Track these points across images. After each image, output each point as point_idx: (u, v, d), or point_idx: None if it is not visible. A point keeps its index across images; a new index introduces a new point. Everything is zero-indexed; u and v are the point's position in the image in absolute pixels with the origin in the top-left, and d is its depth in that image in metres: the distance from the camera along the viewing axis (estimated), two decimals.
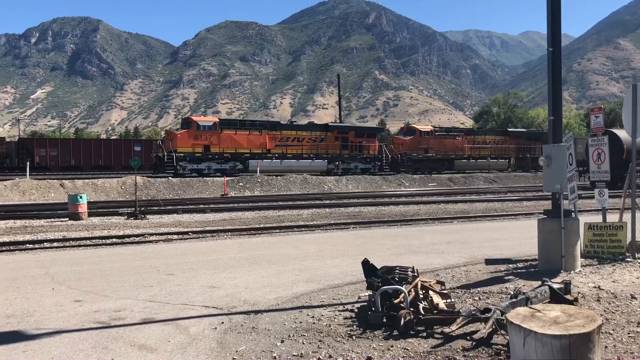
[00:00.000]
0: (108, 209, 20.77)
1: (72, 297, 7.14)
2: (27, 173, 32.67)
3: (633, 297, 6.58)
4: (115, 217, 18.76)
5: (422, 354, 4.79)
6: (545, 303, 5.50)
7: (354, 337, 5.30)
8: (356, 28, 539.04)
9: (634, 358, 4.63)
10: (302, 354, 4.87)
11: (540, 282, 6.18)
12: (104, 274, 8.65)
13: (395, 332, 5.30)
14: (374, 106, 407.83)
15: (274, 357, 4.82)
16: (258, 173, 34.60)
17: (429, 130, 44.89)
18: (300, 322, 5.86)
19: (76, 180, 29.52)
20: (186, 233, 14.05)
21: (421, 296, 5.84)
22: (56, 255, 10.90)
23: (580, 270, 8.22)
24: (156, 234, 13.86)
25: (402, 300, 5.59)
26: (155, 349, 5.06)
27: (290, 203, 23.60)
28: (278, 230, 14.78)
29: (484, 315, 5.23)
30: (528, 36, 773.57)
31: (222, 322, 5.89)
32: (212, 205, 21.70)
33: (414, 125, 50.05)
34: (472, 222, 16.91)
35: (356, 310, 6.31)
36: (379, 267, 6.64)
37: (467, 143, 45.88)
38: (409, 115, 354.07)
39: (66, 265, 9.50)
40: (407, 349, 4.91)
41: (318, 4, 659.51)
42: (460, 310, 5.69)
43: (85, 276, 8.52)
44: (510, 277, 8.01)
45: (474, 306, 6.07)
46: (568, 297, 5.99)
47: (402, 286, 5.84)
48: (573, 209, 8.70)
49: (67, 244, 12.52)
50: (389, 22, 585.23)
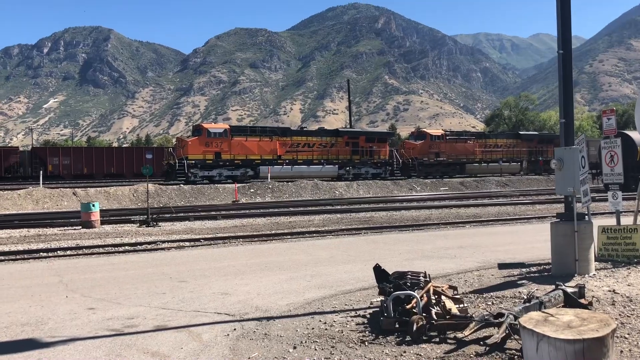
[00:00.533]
0: (120, 216, 20.90)
1: (86, 304, 7.19)
2: (41, 182, 32.97)
3: None
4: (128, 224, 18.88)
5: None
6: (559, 307, 5.45)
7: (366, 343, 5.29)
8: (365, 33, 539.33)
9: None
10: None
11: (553, 286, 6.13)
12: (116, 282, 8.70)
13: (408, 338, 5.28)
14: (384, 111, 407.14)
15: None
16: (269, 179, 34.65)
17: (439, 134, 44.73)
18: (313, 329, 5.85)
19: (89, 188, 29.76)
20: (198, 240, 14.10)
21: (433, 301, 5.81)
22: (69, 263, 10.98)
23: (594, 274, 8.14)
24: (168, 241, 13.92)
25: (414, 305, 5.57)
26: (168, 356, 5.07)
27: (302, 209, 23.60)
28: (289, 236, 14.78)
29: (497, 320, 5.19)
30: (539, 38, 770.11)
31: (235, 329, 5.90)
32: (223, 212, 21.75)
33: (425, 130, 49.88)
34: (484, 226, 16.82)
35: (368, 316, 6.29)
36: (390, 273, 6.62)
37: (479, 147, 45.66)
38: (419, 119, 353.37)
39: (79, 273, 9.57)
40: (420, 355, 4.89)
41: (327, 9, 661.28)
42: (473, 315, 5.65)
43: (99, 284, 8.58)
44: (523, 281, 7.95)
45: (487, 311, 6.03)
46: (582, 301, 5.93)
47: (414, 291, 5.82)
48: (586, 212, 8.63)
49: (80, 252, 12.60)
50: (398, 26, 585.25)
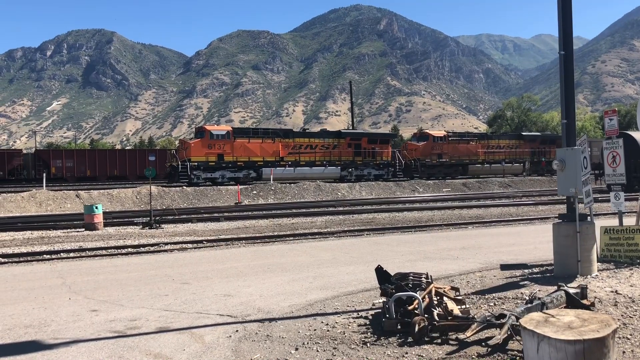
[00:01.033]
0: (123, 218, 20.94)
1: (89, 306, 7.21)
2: (44, 184, 33.08)
3: None
4: (131, 226, 18.91)
5: None
6: (561, 308, 5.45)
7: (368, 344, 5.30)
8: (367, 35, 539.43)
9: None
10: None
11: (556, 287, 6.13)
12: (119, 284, 8.72)
13: (410, 339, 5.29)
14: (386, 112, 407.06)
15: None
16: (271, 181, 34.69)
17: (442, 135, 44.72)
18: (315, 330, 5.86)
19: (92, 190, 29.84)
20: (200, 242, 14.12)
21: (435, 302, 5.81)
22: (73, 265, 11.01)
23: (596, 275, 8.13)
24: (171, 243, 13.95)
25: (416, 306, 5.57)
26: (170, 358, 5.09)
27: (304, 210, 23.61)
28: (292, 238, 14.79)
29: (499, 321, 5.19)
30: (541, 39, 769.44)
31: (237, 331, 5.92)
32: (226, 214, 21.77)
33: (427, 131, 49.93)
34: (486, 227, 16.81)
35: (370, 317, 6.30)
36: (392, 274, 6.63)
37: (481, 148, 45.64)
38: (421, 120, 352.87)
39: (82, 275, 9.60)
40: (422, 356, 4.90)
41: (329, 11, 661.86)
42: (475, 316, 5.66)
43: (101, 286, 8.60)
44: (525, 282, 7.94)
45: (489, 312, 6.03)
46: (584, 302, 5.93)
47: (416, 292, 5.83)
48: (589, 213, 8.62)
49: (83, 254, 12.63)
50: (400, 28, 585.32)
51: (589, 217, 8.51)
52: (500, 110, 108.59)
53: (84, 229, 17.90)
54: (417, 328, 5.23)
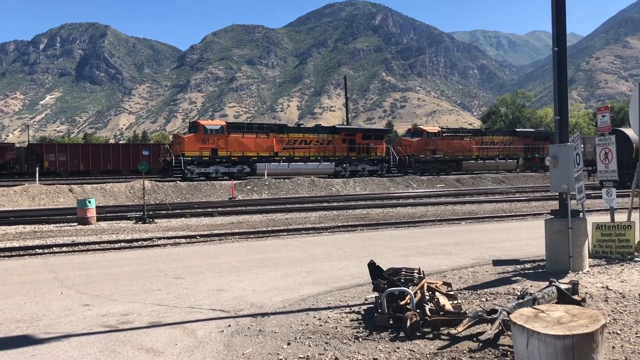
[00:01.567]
0: (116, 213, 20.89)
1: (81, 301, 7.20)
2: (37, 178, 32.93)
3: None
4: (124, 221, 18.87)
5: (428, 356, 4.79)
6: (552, 304, 5.48)
7: (360, 339, 5.31)
8: (362, 30, 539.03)
9: None
10: (308, 356, 4.88)
11: (547, 283, 6.16)
12: (112, 278, 8.70)
13: (402, 334, 5.31)
14: (381, 108, 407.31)
15: None
16: (265, 176, 34.67)
17: (436, 131, 44.80)
18: (307, 325, 5.87)
19: (85, 185, 29.73)
20: (194, 237, 14.11)
21: (427, 297, 5.83)
22: (65, 259, 10.97)
23: (588, 271, 8.18)
24: (164, 238, 13.94)
25: (408, 301, 5.59)
26: (162, 352, 5.09)
27: (298, 206, 23.62)
28: (285, 233, 14.80)
29: (490, 317, 5.22)
30: (535, 36, 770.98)
31: (229, 325, 5.92)
32: (219, 209, 21.76)
33: (422, 127, 50.00)
34: (480, 223, 16.86)
35: (363, 312, 6.31)
36: (385, 269, 6.64)
37: (475, 144, 45.75)
38: (416, 116, 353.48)
39: (75, 270, 9.57)
40: (414, 351, 4.92)
41: (324, 6, 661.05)
42: (467, 312, 5.68)
43: (94, 280, 8.58)
44: (517, 277, 7.98)
45: (480, 307, 6.05)
46: (575, 297, 5.97)
47: (408, 288, 5.85)
48: (581, 209, 8.66)
49: (76, 248, 12.60)
50: (395, 23, 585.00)
51: (581, 214, 8.54)
52: (494, 106, 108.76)
53: (76, 224, 17.85)
54: (409, 323, 5.25)
